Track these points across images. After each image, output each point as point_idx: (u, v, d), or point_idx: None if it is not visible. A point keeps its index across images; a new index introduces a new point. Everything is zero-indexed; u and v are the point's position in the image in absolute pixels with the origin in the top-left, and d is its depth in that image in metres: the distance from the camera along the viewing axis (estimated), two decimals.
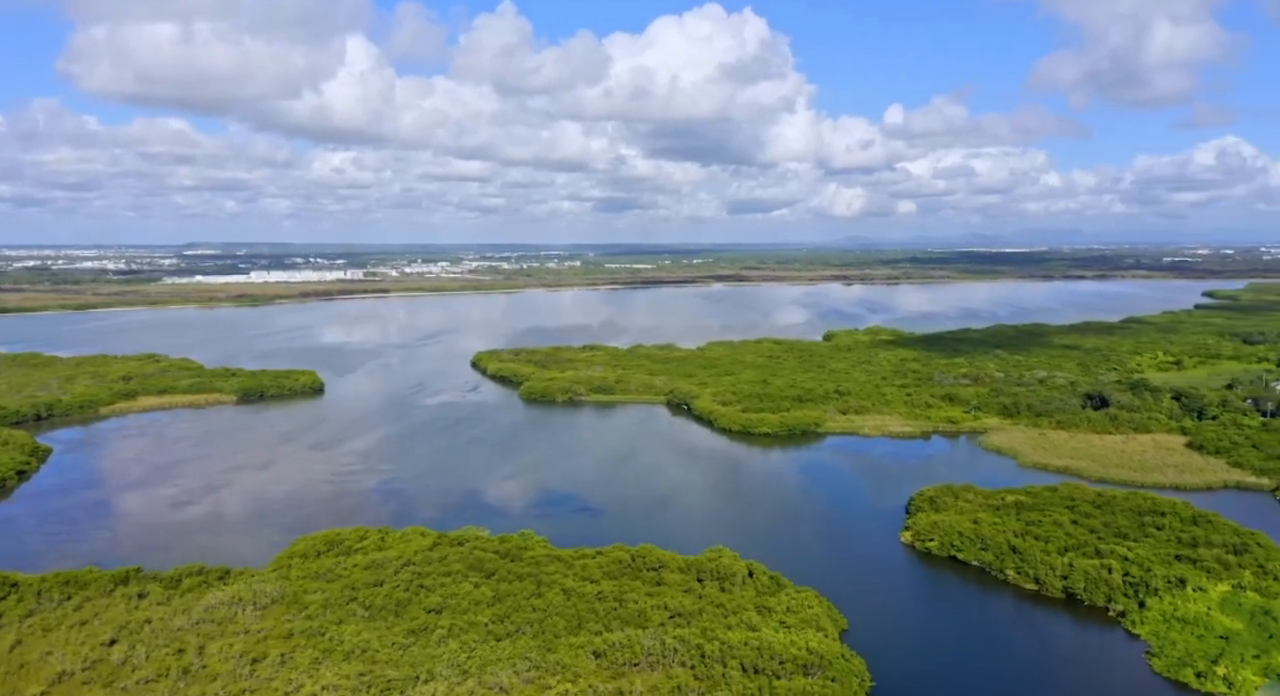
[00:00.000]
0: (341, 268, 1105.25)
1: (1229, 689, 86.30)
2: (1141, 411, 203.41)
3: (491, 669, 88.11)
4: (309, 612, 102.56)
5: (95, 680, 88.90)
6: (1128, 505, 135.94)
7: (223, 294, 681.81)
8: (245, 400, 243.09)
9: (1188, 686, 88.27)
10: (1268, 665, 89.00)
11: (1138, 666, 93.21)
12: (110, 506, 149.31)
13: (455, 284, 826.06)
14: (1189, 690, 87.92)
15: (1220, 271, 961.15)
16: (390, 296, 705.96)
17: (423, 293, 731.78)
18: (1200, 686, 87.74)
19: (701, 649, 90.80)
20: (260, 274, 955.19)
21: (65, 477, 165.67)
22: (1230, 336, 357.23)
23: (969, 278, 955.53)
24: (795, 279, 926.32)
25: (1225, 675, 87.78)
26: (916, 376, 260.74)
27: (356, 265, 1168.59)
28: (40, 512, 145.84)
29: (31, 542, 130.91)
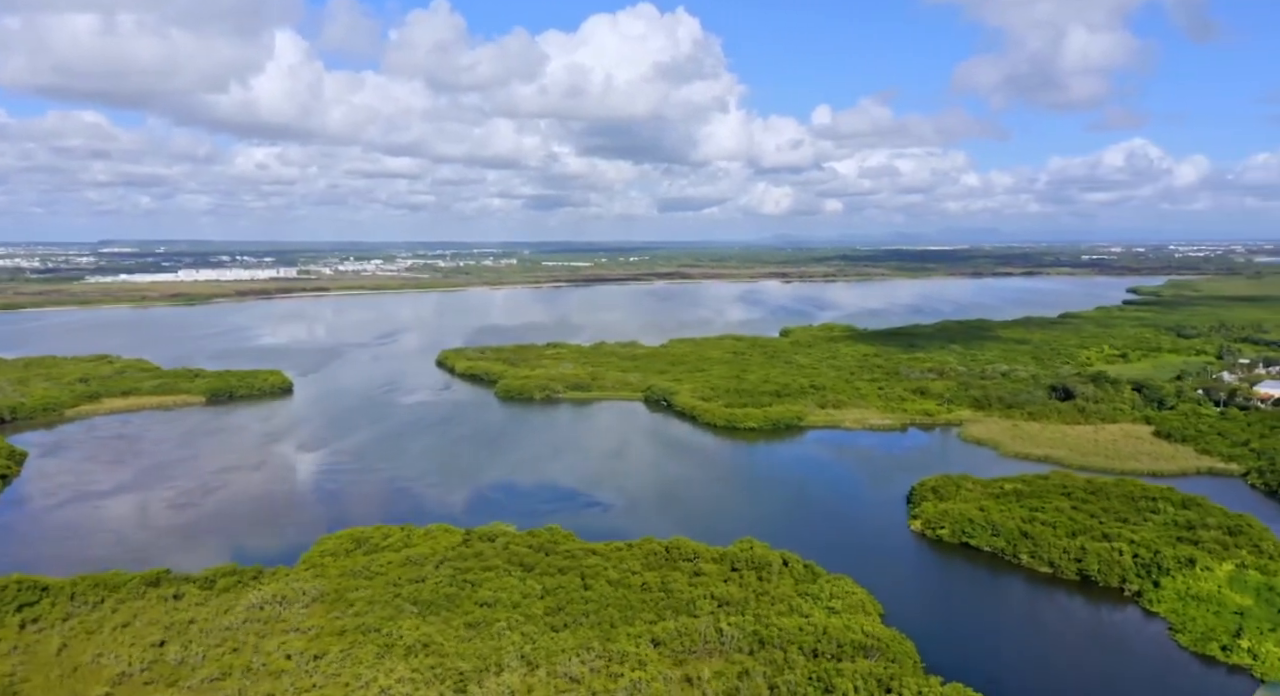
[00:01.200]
0: (271, 266, 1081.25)
1: (1254, 660, 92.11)
2: (1106, 402, 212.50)
3: (557, 659, 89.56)
4: (356, 609, 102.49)
5: (158, 680, 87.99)
6: (1119, 491, 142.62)
7: (155, 293, 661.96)
8: (214, 401, 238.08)
9: (1214, 659, 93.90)
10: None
11: (1163, 642, 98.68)
12: (110, 509, 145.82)
13: (395, 282, 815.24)
14: (1216, 662, 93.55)
15: (1138, 269, 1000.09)
16: (330, 295, 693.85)
17: (363, 291, 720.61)
18: (1226, 659, 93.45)
19: (759, 635, 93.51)
20: (189, 272, 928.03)
21: (52, 481, 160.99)
22: (1165, 330, 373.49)
23: (902, 275, 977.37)
24: (735, 276, 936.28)
25: (1250, 647, 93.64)
26: (883, 371, 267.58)
27: (286, 263, 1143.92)
28: (37, 517, 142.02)
29: (39, 547, 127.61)
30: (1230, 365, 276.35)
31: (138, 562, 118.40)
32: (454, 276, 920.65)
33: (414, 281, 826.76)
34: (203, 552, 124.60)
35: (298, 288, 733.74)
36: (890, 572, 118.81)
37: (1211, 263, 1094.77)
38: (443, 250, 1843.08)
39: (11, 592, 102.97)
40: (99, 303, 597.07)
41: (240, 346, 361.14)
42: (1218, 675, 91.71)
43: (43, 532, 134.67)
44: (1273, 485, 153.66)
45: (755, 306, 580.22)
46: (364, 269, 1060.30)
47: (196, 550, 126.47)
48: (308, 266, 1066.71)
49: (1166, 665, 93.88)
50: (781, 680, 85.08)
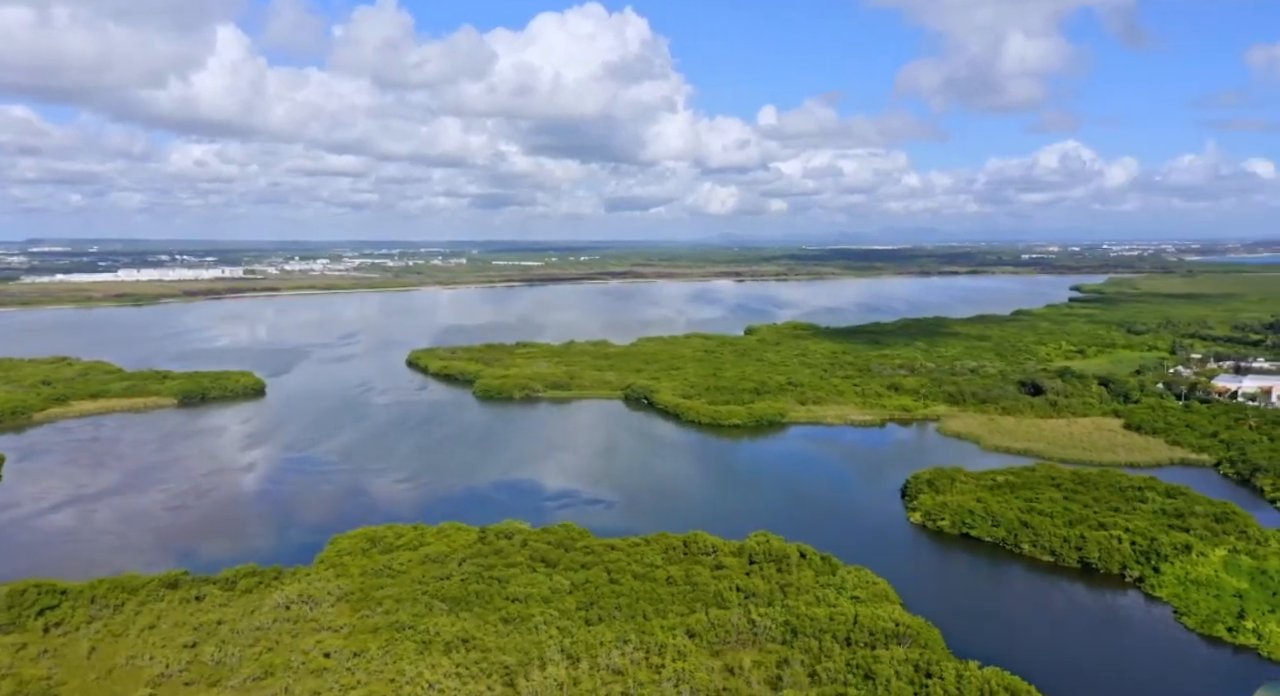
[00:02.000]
0: (214, 266, 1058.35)
1: (1259, 640, 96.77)
2: (1076, 397, 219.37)
3: (597, 652, 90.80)
4: (385, 608, 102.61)
5: (198, 680, 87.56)
6: (1105, 482, 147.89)
7: (98, 293, 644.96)
8: (186, 403, 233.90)
9: (1221, 640, 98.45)
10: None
11: (1170, 624, 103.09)
12: (105, 513, 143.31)
13: (346, 282, 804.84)
14: (1223, 643, 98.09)
15: (1078, 267, 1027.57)
16: (282, 295, 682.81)
17: (315, 291, 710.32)
18: (1233, 639, 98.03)
19: (790, 625, 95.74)
20: (129, 272, 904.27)
21: (38, 486, 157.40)
22: (1116, 327, 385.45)
23: (851, 274, 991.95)
24: (687, 276, 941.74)
25: (1254, 628, 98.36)
26: (854, 367, 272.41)
27: (229, 263, 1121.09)
28: (29, 522, 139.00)
29: (39, 552, 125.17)
30: (1184, 360, 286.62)
31: (144, 565, 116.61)
32: (405, 276, 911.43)
33: (366, 281, 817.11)
34: (208, 554, 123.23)
35: (247, 287, 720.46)
36: (897, 563, 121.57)
37: (1146, 261, 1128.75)
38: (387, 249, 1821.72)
39: (31, 596, 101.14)
40: (39, 303, 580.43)
41: (200, 348, 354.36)
42: (1225, 655, 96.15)
43: (39, 537, 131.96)
44: (1245, 474, 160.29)
45: (713, 305, 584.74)
46: (311, 268, 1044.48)
47: (201, 552, 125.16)
48: (253, 266, 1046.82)
49: (1177, 646, 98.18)
50: (821, 668, 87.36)
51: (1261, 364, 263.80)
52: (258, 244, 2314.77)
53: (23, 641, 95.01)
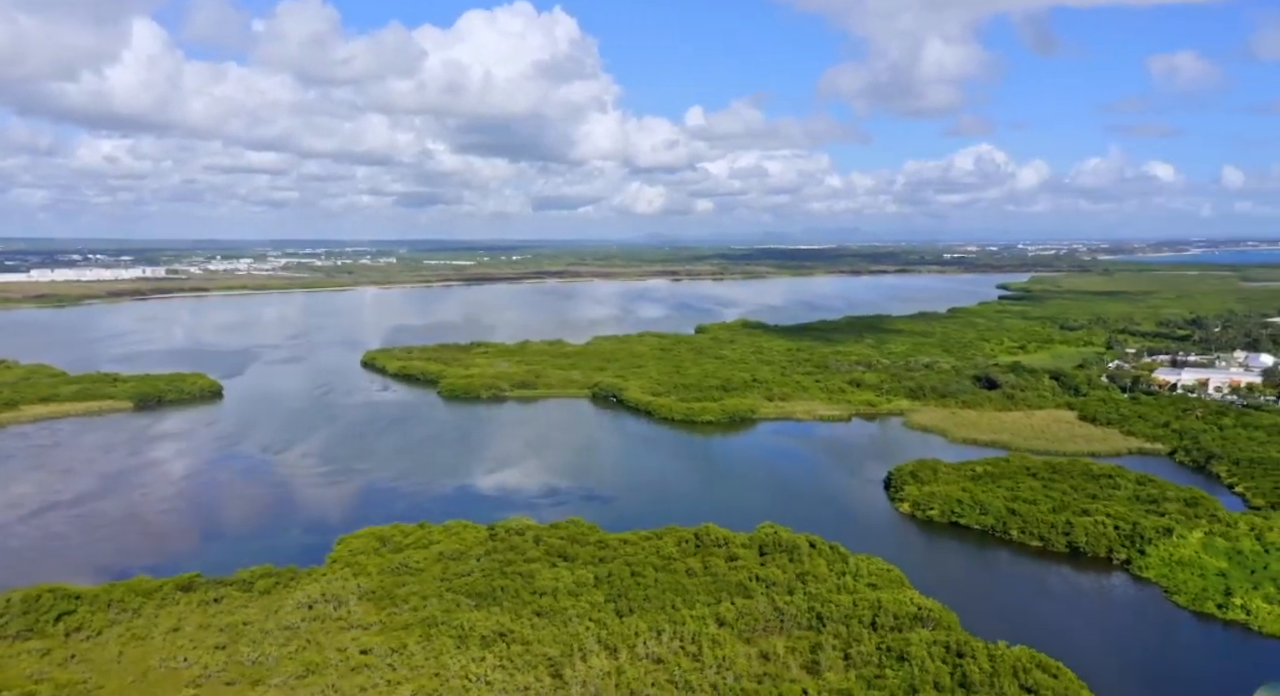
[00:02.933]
0: (131, 265, 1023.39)
1: (1247, 615, 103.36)
2: (1031, 391, 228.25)
3: (635, 642, 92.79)
4: (412, 604, 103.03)
5: (240, 680, 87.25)
6: (1075, 470, 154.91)
7: (15, 294, 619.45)
8: (143, 406, 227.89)
9: (1213, 616, 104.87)
10: (1268, 593, 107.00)
11: (1162, 603, 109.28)
12: (90, 518, 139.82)
13: (278, 282, 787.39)
14: (1214, 619, 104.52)
15: (1000, 266, 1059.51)
16: (211, 295, 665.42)
17: (247, 291, 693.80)
18: (1224, 615, 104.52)
19: (815, 611, 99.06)
20: (41, 272, 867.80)
21: (9, 492, 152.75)
22: (1049, 323, 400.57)
23: (784, 273, 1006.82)
24: (623, 275, 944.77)
25: (1242, 604, 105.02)
26: (811, 364, 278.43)
27: (146, 262, 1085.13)
28: (11, 528, 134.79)
29: (34, 559, 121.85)
30: (1120, 355, 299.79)
31: (143, 570, 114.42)
32: (337, 276, 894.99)
33: (298, 281, 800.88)
34: (207, 557, 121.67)
35: (173, 288, 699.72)
36: (893, 552, 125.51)
37: (1062, 260, 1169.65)
38: (309, 248, 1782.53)
39: (47, 601, 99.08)
40: None
41: (140, 350, 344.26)
42: (1218, 629, 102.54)
43: (27, 544, 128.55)
44: (1200, 461, 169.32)
45: (657, 304, 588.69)
46: (236, 268, 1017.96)
47: (199, 555, 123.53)
48: (174, 266, 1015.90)
49: (1173, 623, 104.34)
50: (854, 651, 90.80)
51: (1195, 358, 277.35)
52: (171, 242, 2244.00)
53: (45, 646, 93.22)
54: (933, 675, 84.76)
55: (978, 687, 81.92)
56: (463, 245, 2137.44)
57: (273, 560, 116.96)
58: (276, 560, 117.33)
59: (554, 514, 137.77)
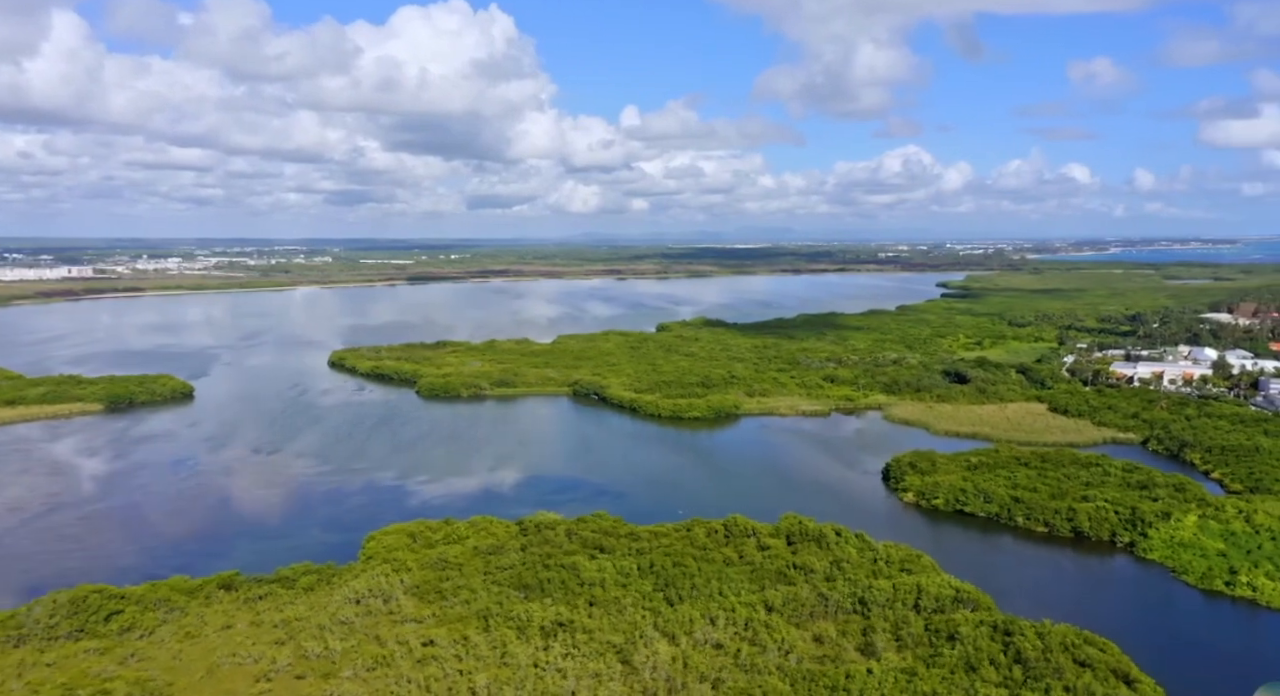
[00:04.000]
0: (54, 264, 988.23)
1: (1254, 591, 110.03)
2: (1001, 384, 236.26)
3: (691, 629, 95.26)
4: (462, 598, 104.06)
5: (309, 673, 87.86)
6: (1062, 459, 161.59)
7: None
8: (114, 408, 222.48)
9: (1222, 593, 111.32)
10: (1268, 571, 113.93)
11: (1172, 581, 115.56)
12: (96, 520, 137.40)
13: (215, 281, 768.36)
14: (1223, 595, 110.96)
15: (937, 265, 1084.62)
16: (147, 295, 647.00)
17: (184, 291, 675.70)
18: (1232, 592, 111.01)
19: (858, 596, 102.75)
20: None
21: (5, 495, 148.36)
22: (997, 319, 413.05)
23: (727, 272, 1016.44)
24: (569, 274, 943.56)
25: (1248, 581, 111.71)
26: (782, 360, 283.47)
27: (68, 261, 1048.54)
28: (20, 532, 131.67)
29: (53, 561, 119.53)
30: (1072, 350, 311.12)
31: (167, 570, 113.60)
32: (274, 275, 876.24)
33: (235, 281, 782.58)
34: (235, 556, 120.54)
35: (106, 287, 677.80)
36: (904, 539, 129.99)
37: (992, 259, 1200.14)
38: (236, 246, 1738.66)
39: (95, 602, 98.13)
40: None
41: (90, 352, 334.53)
42: (1227, 604, 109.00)
43: (41, 547, 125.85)
44: (1173, 450, 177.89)
45: (609, 303, 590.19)
46: (166, 267, 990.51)
47: (226, 554, 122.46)
48: (100, 265, 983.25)
49: (1187, 600, 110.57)
50: (905, 633, 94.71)
51: (1147, 353, 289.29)
52: (88, 240, 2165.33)
53: (101, 646, 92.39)
54: (986, 652, 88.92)
55: (1033, 663, 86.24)
56: (396, 244, 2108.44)
57: (299, 558, 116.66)
58: (302, 558, 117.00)
59: (570, 510, 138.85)
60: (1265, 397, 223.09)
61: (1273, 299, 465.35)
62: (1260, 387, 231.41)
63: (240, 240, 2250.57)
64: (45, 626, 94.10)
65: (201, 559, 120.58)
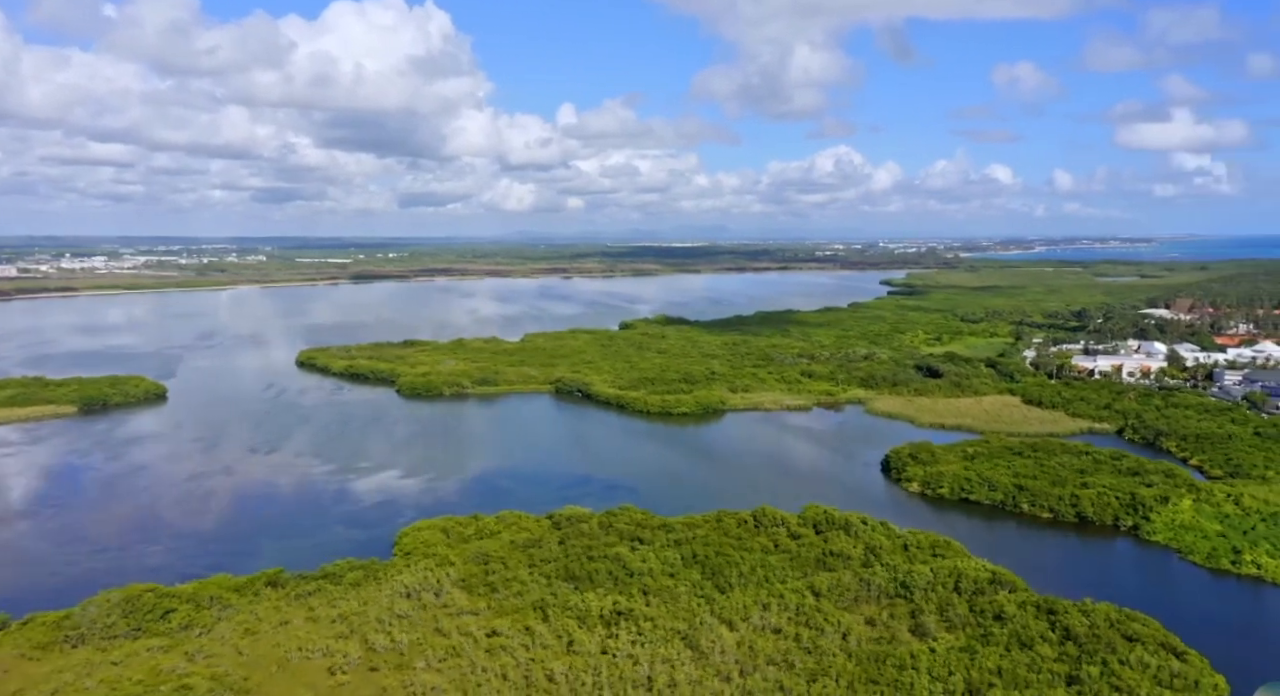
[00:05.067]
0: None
1: (1258, 569, 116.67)
2: (975, 378, 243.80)
3: (747, 615, 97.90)
4: (513, 589, 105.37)
5: (382, 666, 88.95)
6: (1053, 448, 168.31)
7: None
8: (89, 410, 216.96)
9: (1229, 571, 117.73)
10: (1268, 550, 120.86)
11: (1179, 562, 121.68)
12: (111, 523, 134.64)
13: (151, 281, 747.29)
14: (1230, 573, 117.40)
15: (876, 263, 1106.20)
16: (82, 295, 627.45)
17: (120, 291, 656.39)
18: (1239, 570, 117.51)
19: (900, 580, 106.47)
20: None
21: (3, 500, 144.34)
22: (950, 315, 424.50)
23: (671, 270, 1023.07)
24: (515, 273, 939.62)
25: (1252, 560, 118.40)
26: (756, 357, 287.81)
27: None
28: (31, 536, 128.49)
29: (76, 562, 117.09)
30: (1029, 344, 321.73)
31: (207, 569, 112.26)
32: (210, 274, 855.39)
33: (172, 280, 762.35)
34: (266, 555, 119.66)
35: (36, 287, 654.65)
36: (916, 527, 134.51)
37: (926, 258, 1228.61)
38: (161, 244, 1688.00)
39: (149, 600, 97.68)
40: None
41: (42, 353, 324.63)
42: (1233, 582, 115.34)
43: (60, 551, 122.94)
44: (1149, 438, 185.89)
45: (563, 301, 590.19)
46: (93, 266, 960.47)
47: (254, 553, 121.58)
48: (21, 263, 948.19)
49: (1197, 578, 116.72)
50: (952, 614, 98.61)
51: (1101, 347, 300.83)
52: (2, 238, 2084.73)
53: (162, 643, 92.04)
54: (1036, 631, 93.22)
55: (1083, 639, 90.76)
56: (327, 242, 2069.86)
57: (327, 555, 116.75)
58: (330, 555, 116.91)
59: (588, 504, 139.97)
60: (1221, 388, 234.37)
61: (1203, 295, 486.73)
62: (1215, 379, 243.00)
63: (163, 238, 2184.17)
64: (102, 626, 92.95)
65: (231, 558, 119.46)
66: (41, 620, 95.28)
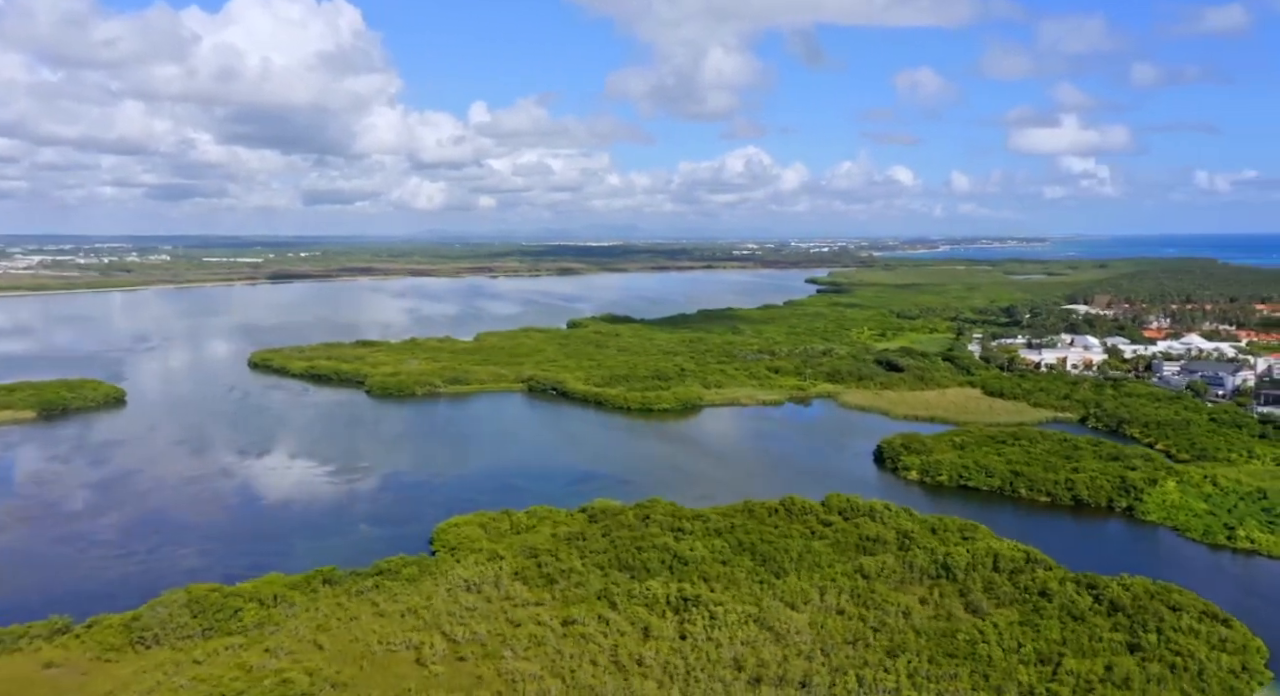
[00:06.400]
0: None
1: (1252, 544, 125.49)
2: (933, 372, 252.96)
3: (809, 598, 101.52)
4: (573, 580, 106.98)
5: (471, 656, 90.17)
6: (1030, 436, 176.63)
7: None
8: (48, 415, 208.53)
9: (1225, 546, 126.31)
10: (1258, 525, 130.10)
11: (1178, 539, 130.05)
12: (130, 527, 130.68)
13: (56, 282, 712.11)
14: (1225, 547, 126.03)
15: (797, 262, 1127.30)
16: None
17: (24, 292, 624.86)
18: (1234, 545, 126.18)
19: (941, 562, 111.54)
20: None
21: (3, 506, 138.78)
22: (887, 312, 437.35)
23: (595, 269, 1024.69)
24: (438, 272, 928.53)
25: (1245, 535, 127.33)
26: (716, 354, 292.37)
27: None
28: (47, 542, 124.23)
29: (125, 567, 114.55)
30: (971, 339, 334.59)
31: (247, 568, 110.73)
32: (114, 274, 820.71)
33: (81, 280, 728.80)
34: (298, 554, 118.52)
35: None
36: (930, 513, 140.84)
37: (842, 257, 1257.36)
38: (47, 242, 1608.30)
39: (215, 600, 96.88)
40: None
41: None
42: (1227, 555, 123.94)
43: (84, 557, 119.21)
44: (1112, 426, 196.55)
45: (500, 300, 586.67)
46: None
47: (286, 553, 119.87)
48: None
49: (1198, 553, 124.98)
50: (999, 592, 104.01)
51: (1042, 342, 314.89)
52: None
53: (239, 642, 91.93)
54: (1083, 604, 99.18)
55: (1131, 610, 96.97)
56: (229, 241, 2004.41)
57: (360, 553, 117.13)
58: (361, 553, 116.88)
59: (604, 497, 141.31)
60: (1161, 378, 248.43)
61: (1115, 291, 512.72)
62: (1154, 370, 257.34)
63: (52, 237, 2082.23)
64: (175, 625, 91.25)
65: (268, 557, 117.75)
66: (107, 622, 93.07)
